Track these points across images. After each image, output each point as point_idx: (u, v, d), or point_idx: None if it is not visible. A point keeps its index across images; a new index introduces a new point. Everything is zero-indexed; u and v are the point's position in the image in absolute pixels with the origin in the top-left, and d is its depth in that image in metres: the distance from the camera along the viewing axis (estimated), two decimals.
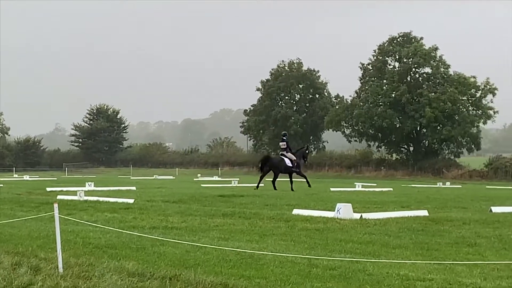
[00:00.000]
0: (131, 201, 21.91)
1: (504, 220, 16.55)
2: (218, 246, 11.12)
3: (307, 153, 35.60)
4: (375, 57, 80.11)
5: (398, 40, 78.91)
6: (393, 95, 76.02)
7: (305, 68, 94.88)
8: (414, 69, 77.43)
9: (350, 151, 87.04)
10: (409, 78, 77.65)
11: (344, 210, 16.77)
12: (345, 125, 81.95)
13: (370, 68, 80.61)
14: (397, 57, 78.26)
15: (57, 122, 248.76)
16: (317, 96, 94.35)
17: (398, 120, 76.34)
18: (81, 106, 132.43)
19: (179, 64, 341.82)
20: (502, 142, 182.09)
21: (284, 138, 33.76)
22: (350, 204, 17.48)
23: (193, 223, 15.65)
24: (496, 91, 74.30)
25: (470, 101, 75.42)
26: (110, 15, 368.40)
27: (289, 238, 13.08)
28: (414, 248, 11.87)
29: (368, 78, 79.77)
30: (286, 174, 33.48)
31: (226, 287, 8.22)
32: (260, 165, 34.10)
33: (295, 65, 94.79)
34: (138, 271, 8.93)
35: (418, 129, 77.15)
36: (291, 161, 32.73)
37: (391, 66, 79.50)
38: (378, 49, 79.76)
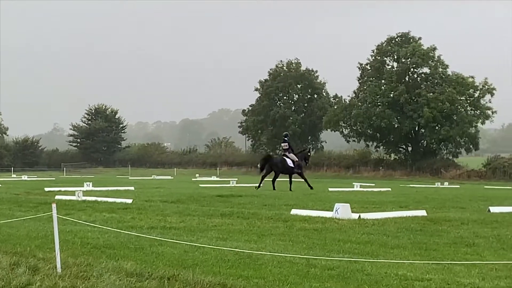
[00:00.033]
0: (130, 201, 21.88)
1: (502, 220, 16.56)
2: (217, 246, 11.12)
3: (309, 155, 35.46)
4: (374, 57, 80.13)
5: (397, 40, 78.92)
6: (391, 95, 76.07)
7: (303, 68, 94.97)
8: (412, 69, 77.50)
9: (349, 151, 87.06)
10: (407, 78, 77.70)
11: (342, 210, 16.77)
12: (343, 125, 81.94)
13: (369, 68, 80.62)
14: (395, 57, 78.26)
15: (55, 122, 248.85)
16: (315, 96, 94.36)
17: (397, 120, 76.39)
18: (81, 106, 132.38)
19: (179, 64, 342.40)
20: (500, 142, 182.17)
21: (285, 139, 33.50)
22: (348, 204, 17.47)
23: (191, 223, 15.65)
24: (494, 91, 74.35)
25: (469, 101, 75.42)
26: (110, 15, 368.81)
27: (287, 238, 13.08)
28: (412, 248, 11.87)
29: (366, 78, 79.76)
30: (286, 174, 33.34)
31: (225, 287, 8.22)
32: (260, 164, 34.08)
33: (294, 65, 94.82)
34: (136, 271, 8.92)
35: (417, 129, 77.18)
36: (293, 161, 32.52)
37: (390, 66, 79.53)
38: (377, 49, 79.78)
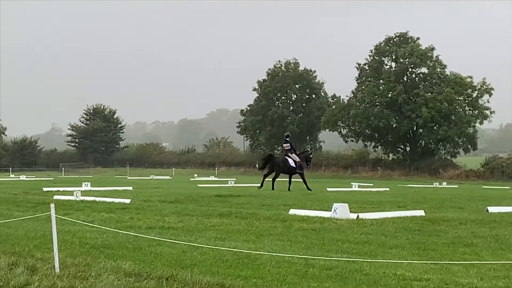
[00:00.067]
0: (128, 201, 21.86)
1: (500, 220, 16.56)
2: (215, 246, 11.12)
3: (311, 157, 35.49)
4: (372, 57, 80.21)
5: (395, 40, 78.99)
6: (389, 95, 76.14)
7: (301, 68, 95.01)
8: (410, 69, 77.58)
9: (347, 151, 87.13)
10: (405, 78, 77.76)
11: (340, 210, 16.76)
12: (341, 125, 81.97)
13: (367, 68, 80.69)
14: (393, 57, 78.35)
15: (53, 122, 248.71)
16: (313, 96, 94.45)
17: (395, 120, 76.46)
18: (81, 106, 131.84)
19: (178, 64, 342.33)
20: (498, 142, 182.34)
21: (287, 139, 33.36)
22: (346, 204, 17.47)
23: (189, 223, 15.64)
24: (492, 91, 74.45)
25: (467, 101, 75.53)
26: (110, 15, 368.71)
27: (285, 238, 13.08)
28: (410, 248, 11.87)
29: (364, 78, 79.84)
30: (287, 174, 33.23)
31: (223, 287, 8.22)
32: (262, 164, 34.17)
33: (292, 65, 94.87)
34: (134, 271, 8.92)
35: (415, 129, 77.23)
36: (295, 162, 32.44)
37: (388, 66, 79.62)
38: (375, 49, 79.85)
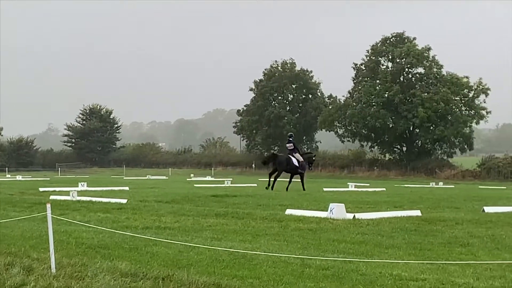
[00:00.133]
0: (124, 201, 21.86)
1: (496, 220, 16.59)
2: (211, 246, 11.11)
3: (313, 159, 35.54)
4: (368, 57, 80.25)
5: (391, 40, 79.04)
6: (386, 95, 76.16)
7: (298, 68, 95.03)
8: (407, 69, 77.62)
9: (343, 151, 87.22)
10: (402, 78, 77.83)
11: (337, 210, 16.77)
12: (338, 125, 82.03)
13: (363, 68, 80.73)
14: (390, 57, 78.41)
15: (50, 122, 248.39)
16: (310, 96, 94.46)
17: (391, 120, 76.50)
18: (81, 106, 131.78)
19: (177, 64, 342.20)
20: (494, 142, 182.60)
21: (290, 139, 33.28)
22: (343, 204, 17.49)
23: (186, 223, 15.63)
24: (488, 91, 74.53)
25: (463, 101, 75.62)
26: (110, 15, 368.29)
27: (282, 238, 13.07)
28: (407, 248, 11.88)
29: (361, 78, 79.90)
30: (289, 173, 33.13)
31: (219, 287, 8.21)
32: (265, 160, 34.36)
33: (288, 65, 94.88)
34: (131, 271, 8.91)
35: (411, 129, 77.32)
36: (298, 161, 32.44)
37: (384, 66, 79.68)
38: (371, 49, 79.90)
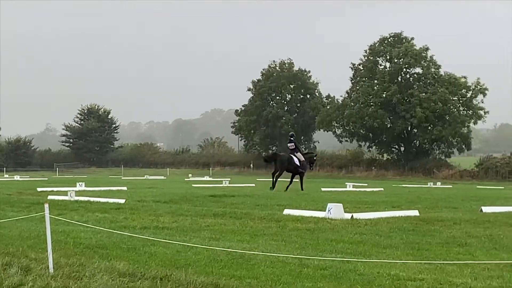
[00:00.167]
0: (122, 201, 21.83)
1: (494, 220, 16.59)
2: (209, 246, 11.11)
3: (315, 159, 35.47)
4: (366, 57, 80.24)
5: (389, 40, 79.04)
6: (384, 95, 76.19)
7: (296, 68, 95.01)
8: (405, 69, 77.65)
9: (341, 151, 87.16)
10: (400, 78, 77.84)
11: (335, 210, 16.77)
12: (336, 125, 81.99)
13: (361, 68, 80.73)
14: (388, 57, 78.40)
15: (48, 122, 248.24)
16: (308, 96, 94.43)
17: (389, 120, 76.51)
18: (80, 106, 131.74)
19: (176, 64, 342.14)
20: (492, 142, 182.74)
21: (292, 139, 33.16)
22: (341, 204, 17.49)
23: (184, 223, 15.63)
24: (486, 91, 74.54)
25: (461, 101, 75.61)
26: (110, 15, 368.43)
27: (280, 238, 13.08)
28: (404, 248, 11.89)
29: (359, 78, 79.90)
30: (290, 173, 33.04)
31: (217, 287, 8.22)
32: (266, 158, 34.38)
33: (286, 65, 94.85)
34: (129, 271, 8.91)
35: (409, 129, 77.31)
36: (299, 161, 32.33)
37: (382, 67, 79.67)
38: (369, 49, 79.88)
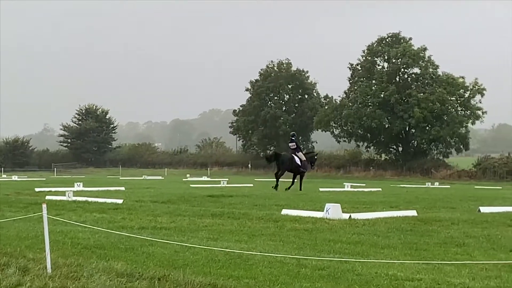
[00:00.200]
0: (120, 201, 21.82)
1: (492, 220, 16.59)
2: (207, 247, 11.11)
3: (316, 158, 35.43)
4: (364, 57, 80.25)
5: (387, 40, 79.07)
6: (382, 96, 76.19)
7: (294, 68, 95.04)
8: (402, 69, 77.64)
9: (339, 151, 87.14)
10: (398, 79, 77.86)
11: (333, 210, 16.77)
12: (334, 125, 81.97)
13: (359, 68, 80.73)
14: (386, 57, 78.41)
15: (45, 122, 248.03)
16: (306, 96, 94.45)
17: (387, 120, 76.51)
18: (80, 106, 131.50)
19: (175, 64, 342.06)
20: (490, 142, 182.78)
21: (293, 139, 33.10)
22: (339, 204, 17.47)
23: (182, 224, 15.62)
24: (484, 92, 74.57)
25: (459, 101, 75.64)
26: (110, 15, 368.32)
27: (278, 238, 13.08)
28: (402, 248, 11.89)
29: (357, 78, 79.89)
30: (291, 173, 32.94)
31: (215, 287, 8.21)
32: (268, 157, 34.47)
33: (284, 65, 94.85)
34: (127, 272, 8.91)
35: (407, 129, 77.30)
36: (301, 160, 32.31)
37: (380, 67, 79.68)
38: (367, 49, 79.89)
